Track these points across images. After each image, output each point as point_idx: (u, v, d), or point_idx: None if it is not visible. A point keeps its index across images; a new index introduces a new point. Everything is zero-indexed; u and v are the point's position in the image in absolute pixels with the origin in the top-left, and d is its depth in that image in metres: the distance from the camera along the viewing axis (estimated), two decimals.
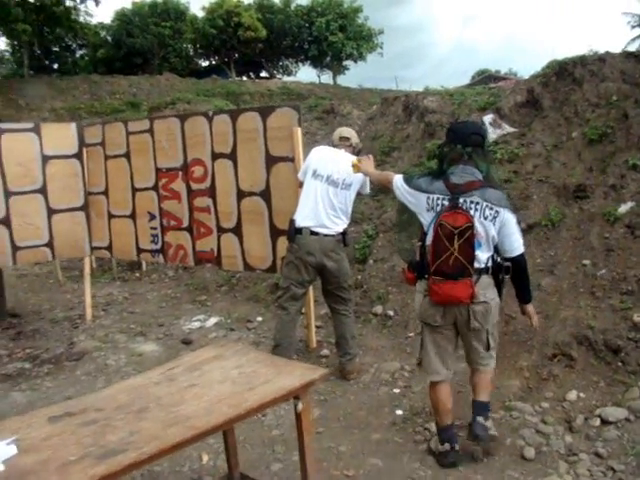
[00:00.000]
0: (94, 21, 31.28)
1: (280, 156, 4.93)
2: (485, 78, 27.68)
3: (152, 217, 5.98)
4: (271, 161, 4.99)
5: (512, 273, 3.22)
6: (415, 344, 3.37)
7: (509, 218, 3.12)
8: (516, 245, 3.17)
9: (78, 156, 6.28)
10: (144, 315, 6.67)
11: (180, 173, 5.66)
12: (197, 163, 5.52)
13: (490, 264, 3.17)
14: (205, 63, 33.71)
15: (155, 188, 5.89)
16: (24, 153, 5.98)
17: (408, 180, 3.32)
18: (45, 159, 6.09)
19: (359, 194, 4.63)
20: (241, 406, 2.17)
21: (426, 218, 3.16)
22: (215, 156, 5.37)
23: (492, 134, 6.16)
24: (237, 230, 5.33)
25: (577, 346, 4.20)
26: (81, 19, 29.64)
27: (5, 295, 6.70)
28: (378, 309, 5.60)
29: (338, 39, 28.57)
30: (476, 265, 3.07)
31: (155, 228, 5.98)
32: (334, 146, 4.57)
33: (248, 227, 5.25)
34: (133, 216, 6.14)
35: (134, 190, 6.08)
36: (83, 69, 29.80)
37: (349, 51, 29.37)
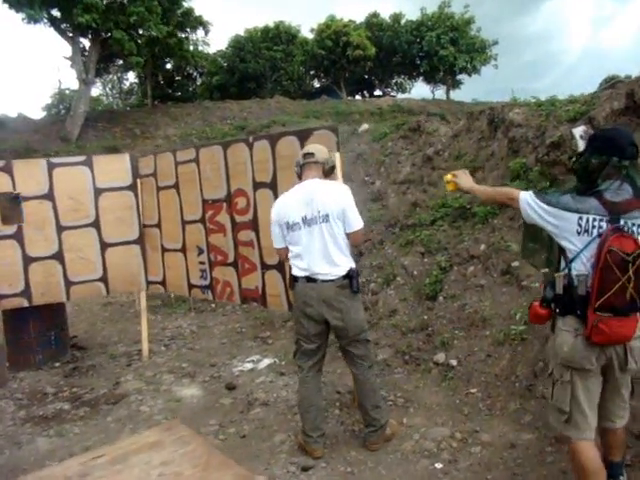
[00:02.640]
0: (212, 49, 32.65)
1: None
2: (613, 85, 25.48)
3: (200, 251, 5.64)
4: None
5: None
6: (560, 397, 2.75)
7: None
8: None
9: (132, 188, 6.09)
10: (201, 352, 6.34)
11: (224, 204, 5.27)
12: (240, 194, 5.10)
13: None
14: (317, 84, 33.91)
15: (202, 221, 5.55)
16: (76, 187, 5.89)
17: (545, 197, 2.78)
18: (98, 192, 5.96)
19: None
20: None
21: (575, 243, 2.67)
22: (256, 186, 4.92)
23: (582, 149, 5.24)
24: (280, 267, 4.83)
25: None
26: (200, 48, 31.02)
27: (67, 329, 6.62)
28: (440, 357, 4.87)
29: (449, 53, 27.47)
30: None
31: (203, 263, 5.63)
32: (301, 167, 3.83)
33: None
34: (184, 250, 5.84)
35: (184, 223, 5.78)
36: (200, 96, 30.91)
37: (461, 64, 28.21)
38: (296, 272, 3.74)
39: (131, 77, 35.94)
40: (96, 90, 41.30)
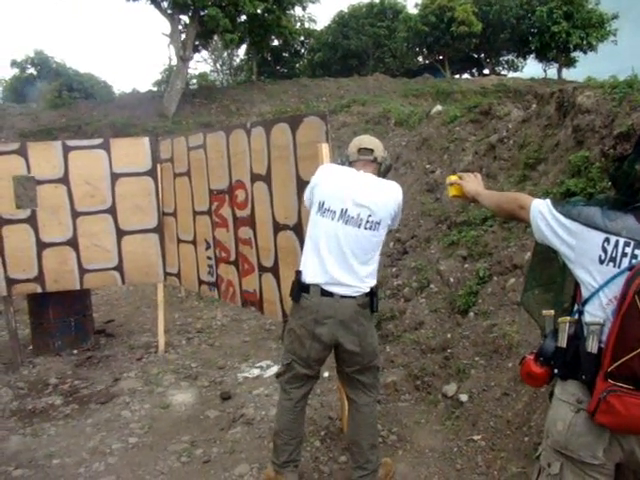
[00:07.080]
0: (320, 26, 32.19)
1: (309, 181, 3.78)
2: None
3: (208, 245, 5.21)
4: (302, 187, 3.83)
5: None
6: None
7: None
8: None
9: (151, 173, 5.74)
10: (218, 351, 5.95)
11: (226, 197, 4.78)
12: (240, 186, 4.58)
13: None
14: (420, 62, 32.56)
15: (209, 212, 5.10)
16: (92, 171, 5.62)
17: (564, 207, 1.99)
18: (115, 177, 5.67)
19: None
20: None
21: (594, 275, 1.86)
22: (253, 178, 4.39)
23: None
24: (275, 270, 4.29)
25: None
26: (306, 25, 30.65)
27: (92, 315, 6.45)
28: (451, 389, 4.12)
29: (561, 28, 25.16)
30: None
31: (210, 258, 5.20)
32: (350, 163, 3.15)
33: (284, 268, 4.18)
34: (194, 242, 5.43)
35: (194, 213, 5.36)
36: (302, 73, 30.64)
37: (575, 41, 25.74)
38: (309, 278, 2.98)
39: (242, 54, 36.16)
40: (207, 66, 42.16)
